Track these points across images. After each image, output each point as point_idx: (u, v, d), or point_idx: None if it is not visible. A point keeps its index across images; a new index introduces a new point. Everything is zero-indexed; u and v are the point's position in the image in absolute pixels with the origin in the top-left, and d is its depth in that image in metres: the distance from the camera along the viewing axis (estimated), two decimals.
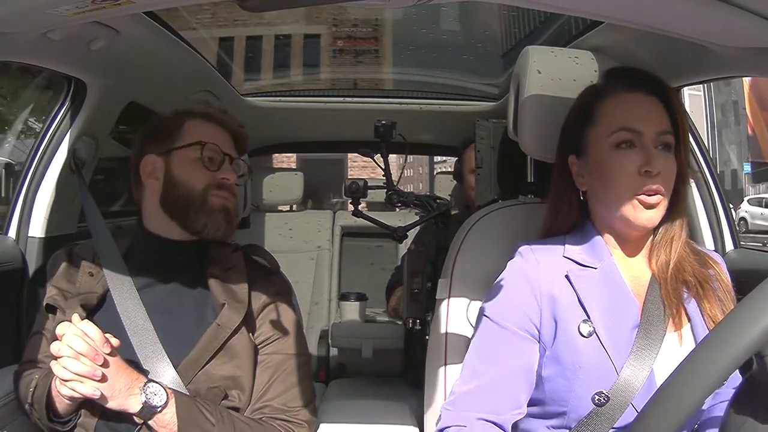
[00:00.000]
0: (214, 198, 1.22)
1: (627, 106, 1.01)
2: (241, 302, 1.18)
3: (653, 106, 1.01)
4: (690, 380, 0.62)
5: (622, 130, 0.99)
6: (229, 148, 1.27)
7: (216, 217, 1.21)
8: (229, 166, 1.25)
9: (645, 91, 1.02)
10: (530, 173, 1.31)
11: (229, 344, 1.15)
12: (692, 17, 0.91)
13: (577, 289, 0.98)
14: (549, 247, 1.03)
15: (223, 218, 1.22)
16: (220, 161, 1.24)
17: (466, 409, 0.98)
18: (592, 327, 0.95)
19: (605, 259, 1.01)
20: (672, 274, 1.00)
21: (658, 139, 0.99)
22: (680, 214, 1.03)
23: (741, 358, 0.60)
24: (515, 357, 0.99)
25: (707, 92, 19.02)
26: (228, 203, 1.24)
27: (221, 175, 1.23)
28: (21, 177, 1.62)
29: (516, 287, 1.01)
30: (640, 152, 0.98)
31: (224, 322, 1.16)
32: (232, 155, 1.27)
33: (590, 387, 0.94)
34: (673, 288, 0.99)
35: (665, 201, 0.98)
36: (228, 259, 1.25)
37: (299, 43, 2.59)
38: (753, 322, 0.60)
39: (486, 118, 1.58)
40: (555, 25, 1.94)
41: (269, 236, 2.98)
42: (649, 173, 0.96)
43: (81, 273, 1.20)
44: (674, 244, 1.02)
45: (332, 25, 2.36)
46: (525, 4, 1.01)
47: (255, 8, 0.72)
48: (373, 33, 2.43)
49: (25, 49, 1.22)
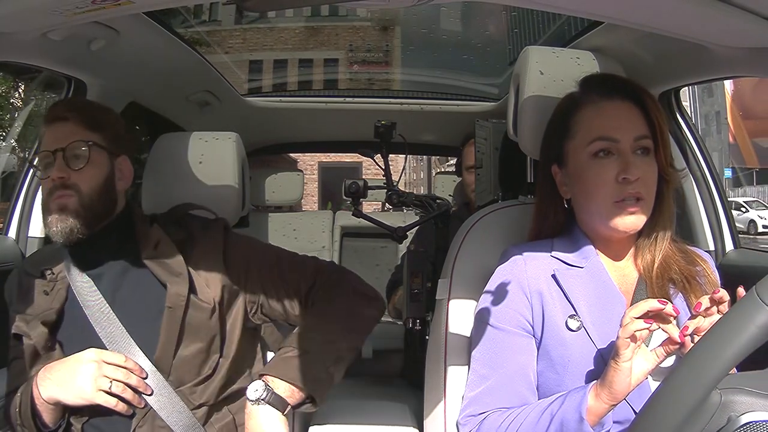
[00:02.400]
0: (52, 203, 1.15)
1: (602, 115, 1.02)
2: (179, 274, 1.17)
3: (629, 112, 1.01)
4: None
5: (598, 139, 1.00)
6: (58, 140, 1.16)
7: (56, 221, 1.14)
8: (60, 162, 1.15)
9: (620, 98, 1.02)
10: (530, 173, 1.31)
11: (187, 321, 1.15)
12: (692, 17, 0.91)
13: (563, 286, 1.00)
14: (536, 248, 1.06)
15: (57, 220, 1.13)
16: (52, 163, 1.16)
17: (482, 410, 1.01)
18: (580, 321, 0.98)
19: (591, 259, 1.03)
20: (658, 273, 1.02)
21: (636, 145, 0.99)
22: (664, 215, 1.04)
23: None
24: (517, 355, 1.01)
25: (692, 102, 20.13)
26: (63, 201, 1.14)
27: (51, 177, 1.15)
28: (21, 177, 1.62)
29: (506, 288, 1.03)
30: (618, 159, 0.99)
31: (174, 302, 1.15)
32: (63, 146, 1.16)
33: (580, 381, 0.95)
34: (659, 286, 1.01)
35: (647, 204, 0.99)
36: (150, 235, 1.22)
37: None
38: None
39: (486, 118, 1.58)
40: (555, 25, 1.95)
41: (273, 237, 2.98)
42: (627, 180, 0.97)
43: (36, 293, 1.18)
44: (659, 243, 1.03)
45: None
46: (525, 4, 1.01)
47: (255, 8, 0.72)
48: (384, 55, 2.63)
49: (25, 49, 1.22)
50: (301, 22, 2.75)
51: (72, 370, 1.09)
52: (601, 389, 0.87)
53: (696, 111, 20.67)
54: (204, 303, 1.17)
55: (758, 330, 0.60)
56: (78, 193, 1.15)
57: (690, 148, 1.65)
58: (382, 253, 3.16)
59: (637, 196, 0.98)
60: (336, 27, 2.79)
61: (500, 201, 1.36)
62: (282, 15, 2.65)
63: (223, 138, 1.48)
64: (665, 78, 1.45)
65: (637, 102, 1.01)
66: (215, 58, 2.30)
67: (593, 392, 0.88)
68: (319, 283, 1.22)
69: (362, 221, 2.12)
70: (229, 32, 2.61)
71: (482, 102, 2.70)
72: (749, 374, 0.68)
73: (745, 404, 0.62)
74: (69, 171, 1.15)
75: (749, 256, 1.58)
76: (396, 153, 2.55)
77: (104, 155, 1.20)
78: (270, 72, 2.86)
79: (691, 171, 1.64)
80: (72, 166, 1.15)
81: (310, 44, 2.80)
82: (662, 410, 0.62)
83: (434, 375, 1.15)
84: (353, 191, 2.00)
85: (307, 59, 2.87)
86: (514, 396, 1.00)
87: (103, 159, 1.19)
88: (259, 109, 2.67)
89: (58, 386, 1.08)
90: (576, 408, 0.87)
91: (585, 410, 0.86)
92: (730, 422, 0.61)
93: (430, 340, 1.21)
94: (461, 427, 1.03)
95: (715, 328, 0.63)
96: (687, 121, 1.66)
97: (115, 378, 1.09)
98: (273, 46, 2.76)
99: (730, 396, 0.62)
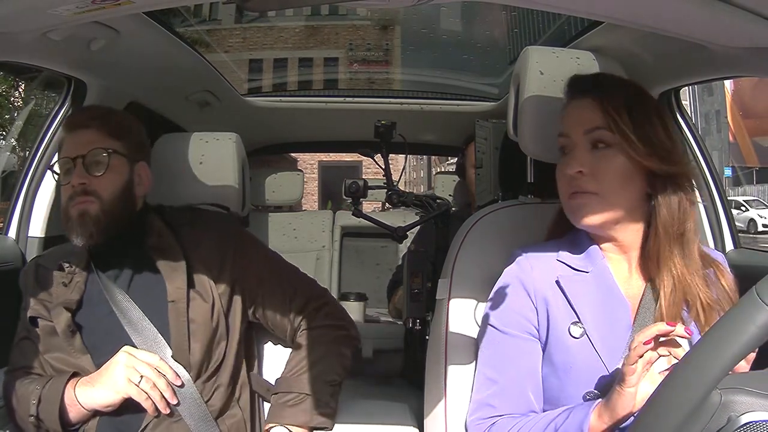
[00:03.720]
0: (72, 209, 1.18)
1: (565, 114, 1.04)
2: (177, 268, 1.20)
3: (584, 107, 1.00)
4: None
5: (559, 137, 1.02)
6: (79, 147, 1.20)
7: (75, 226, 1.17)
8: (80, 169, 1.18)
9: (582, 95, 1.02)
10: (530, 173, 1.31)
11: (191, 316, 1.18)
12: (692, 17, 0.91)
13: (567, 293, 0.99)
14: (543, 251, 1.05)
15: (78, 225, 1.17)
16: (72, 170, 1.19)
17: (491, 414, 1.01)
18: (583, 328, 0.96)
19: (598, 263, 1.01)
20: (669, 294, 0.96)
21: (587, 138, 0.98)
22: (663, 219, 0.97)
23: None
24: (524, 359, 1.01)
25: (692, 101, 20.06)
26: (84, 207, 1.18)
27: (72, 183, 1.18)
28: (21, 177, 1.62)
29: (513, 292, 1.03)
30: (569, 155, 1.00)
31: (175, 296, 1.18)
32: (83, 153, 1.19)
33: (581, 387, 0.95)
34: (671, 306, 0.95)
35: (601, 198, 0.97)
36: (154, 225, 1.25)
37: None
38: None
39: (486, 118, 1.58)
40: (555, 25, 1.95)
41: (273, 236, 2.97)
42: (568, 174, 0.98)
43: (54, 284, 1.21)
44: (663, 255, 0.97)
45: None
46: (525, 4, 1.01)
47: (256, 8, 0.72)
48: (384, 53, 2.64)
49: (25, 49, 1.22)
50: (301, 21, 2.75)
51: (107, 368, 1.13)
52: (604, 411, 0.87)
53: (696, 110, 20.68)
54: (204, 295, 1.19)
55: (758, 330, 0.60)
56: (99, 199, 1.18)
57: (690, 148, 1.65)
58: (382, 253, 3.16)
59: (581, 190, 0.97)
60: (336, 26, 2.80)
61: (500, 201, 1.36)
62: (282, 14, 2.65)
63: (224, 138, 1.48)
64: (665, 78, 1.45)
65: (597, 96, 1.00)
66: (215, 57, 2.30)
67: (596, 412, 0.87)
68: (312, 309, 1.27)
69: (362, 221, 2.12)
70: (229, 31, 2.61)
71: (482, 102, 2.70)
72: (749, 374, 0.68)
73: (745, 404, 0.62)
74: (89, 177, 1.18)
75: (749, 256, 1.58)
76: (396, 153, 2.56)
77: (124, 162, 1.23)
78: (270, 71, 2.86)
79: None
80: (92, 173, 1.19)
81: (310, 43, 2.81)
82: (662, 410, 0.62)
83: (434, 375, 1.15)
84: (353, 191, 2.00)
85: (307, 58, 2.88)
86: (521, 399, 0.99)
87: (122, 165, 1.23)
88: (259, 109, 2.67)
89: (94, 388, 1.11)
90: (578, 425, 0.88)
91: (587, 428, 0.87)
92: (730, 422, 0.61)
93: (431, 340, 1.21)
94: (471, 430, 1.03)
95: (715, 328, 0.63)
96: (687, 120, 1.66)
97: (145, 374, 1.11)
98: (273, 45, 2.76)
99: (730, 396, 0.62)
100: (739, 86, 19.98)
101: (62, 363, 1.16)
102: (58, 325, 1.15)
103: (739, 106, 20.53)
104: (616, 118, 0.97)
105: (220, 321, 1.20)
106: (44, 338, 1.17)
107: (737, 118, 20.71)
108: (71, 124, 1.24)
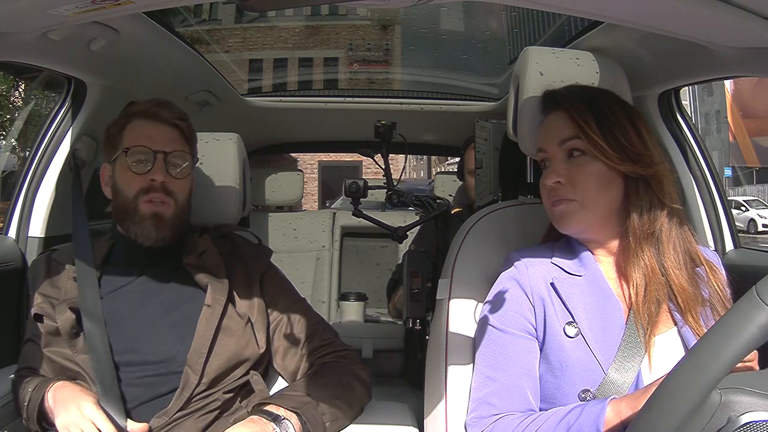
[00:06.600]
0: (144, 205, 1.17)
1: (541, 129, 1.09)
2: (222, 281, 1.19)
3: (556, 120, 1.06)
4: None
5: (538, 152, 1.08)
6: (164, 143, 1.19)
7: (144, 225, 1.17)
8: (161, 165, 1.17)
9: (553, 109, 1.08)
10: (530, 174, 1.31)
11: (224, 324, 1.17)
12: (692, 17, 0.91)
13: (561, 295, 1.01)
14: (537, 253, 1.07)
15: (153, 225, 1.16)
16: (149, 162, 1.17)
17: (491, 413, 1.01)
18: (578, 328, 0.98)
19: (590, 267, 1.03)
20: (644, 296, 0.98)
21: (562, 149, 1.04)
22: (638, 216, 1.00)
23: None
24: (522, 357, 1.02)
25: (692, 101, 20.27)
26: (159, 209, 1.17)
27: (150, 177, 1.16)
28: (21, 177, 1.62)
29: (511, 292, 1.04)
30: (548, 167, 1.05)
31: (213, 302, 1.17)
32: (167, 150, 1.19)
33: (576, 385, 0.96)
34: (645, 309, 0.98)
35: (580, 204, 1.01)
36: (197, 245, 1.25)
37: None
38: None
39: (486, 118, 1.58)
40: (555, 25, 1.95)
41: (273, 236, 2.98)
42: (545, 185, 1.04)
43: (65, 278, 1.19)
44: (633, 263, 1.00)
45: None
46: (525, 4, 1.01)
47: (255, 8, 0.72)
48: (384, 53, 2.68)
49: (25, 49, 1.22)
50: (301, 21, 2.75)
51: (71, 402, 1.06)
52: (626, 406, 0.85)
53: (696, 110, 20.76)
54: (239, 313, 1.19)
55: (758, 330, 0.60)
56: (176, 202, 1.19)
57: (690, 148, 1.65)
58: (382, 253, 3.16)
59: (561, 198, 1.02)
60: (336, 26, 2.80)
61: (500, 201, 1.36)
62: (282, 14, 2.65)
63: (224, 139, 1.48)
64: (665, 78, 1.45)
65: (568, 108, 1.05)
66: (215, 57, 2.31)
67: (614, 408, 0.87)
68: (329, 350, 1.26)
69: (362, 221, 2.12)
70: (228, 31, 2.61)
71: (482, 102, 2.70)
72: (749, 374, 0.68)
73: (745, 404, 0.62)
74: (169, 177, 1.18)
75: (749, 256, 1.58)
76: (396, 153, 2.56)
77: (191, 168, 1.25)
78: (270, 71, 2.86)
79: (691, 170, 1.64)
80: (171, 173, 1.19)
81: (310, 43, 2.82)
82: (662, 410, 0.62)
83: (434, 375, 1.15)
84: (353, 191, 2.00)
85: (307, 58, 2.89)
86: (520, 398, 1.00)
87: (191, 174, 1.25)
88: (259, 109, 2.67)
89: (56, 409, 1.07)
90: (594, 421, 0.87)
91: (602, 423, 0.86)
92: (730, 422, 0.61)
93: (431, 340, 1.21)
94: (470, 428, 1.03)
95: (715, 328, 0.63)
96: (687, 120, 1.66)
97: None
98: (273, 45, 2.77)
99: (730, 396, 0.62)
100: (739, 86, 19.98)
101: (62, 357, 1.15)
102: (62, 327, 1.14)
103: (739, 106, 20.55)
104: (583, 125, 1.02)
105: (249, 338, 1.19)
106: (46, 336, 1.16)
107: (737, 118, 20.74)
108: (156, 116, 1.21)
